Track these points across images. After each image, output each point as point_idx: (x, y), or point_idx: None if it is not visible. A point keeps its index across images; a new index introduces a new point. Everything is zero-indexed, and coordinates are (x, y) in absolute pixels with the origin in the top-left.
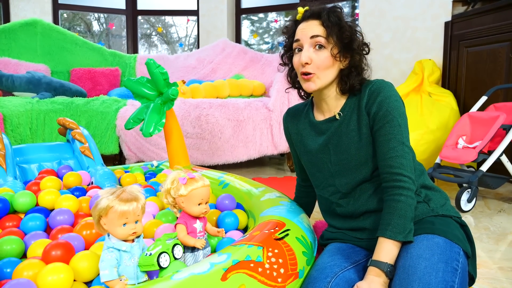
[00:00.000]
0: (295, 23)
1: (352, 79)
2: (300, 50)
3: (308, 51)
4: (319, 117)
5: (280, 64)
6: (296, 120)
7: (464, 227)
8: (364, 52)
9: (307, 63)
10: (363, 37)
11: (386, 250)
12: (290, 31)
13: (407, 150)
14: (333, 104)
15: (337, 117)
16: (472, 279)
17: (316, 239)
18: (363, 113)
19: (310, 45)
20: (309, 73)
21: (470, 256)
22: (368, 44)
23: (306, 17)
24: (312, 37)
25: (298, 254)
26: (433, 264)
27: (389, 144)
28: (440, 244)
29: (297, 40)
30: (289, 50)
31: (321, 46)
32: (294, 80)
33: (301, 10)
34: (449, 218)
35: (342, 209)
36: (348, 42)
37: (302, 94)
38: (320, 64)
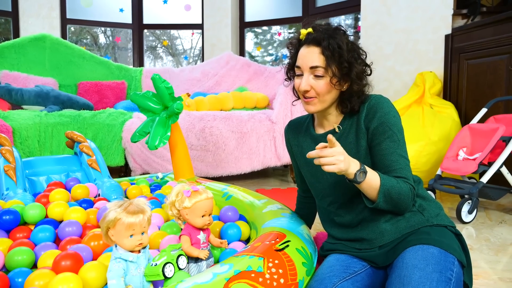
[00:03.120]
0: (299, 42)
1: (353, 102)
2: (301, 74)
3: (308, 78)
4: (319, 130)
5: (285, 79)
6: (297, 132)
7: (458, 236)
8: (366, 74)
9: (306, 90)
10: (366, 56)
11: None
12: (293, 50)
13: (408, 162)
14: (333, 120)
15: (337, 130)
16: None
17: (316, 250)
18: (361, 127)
19: (309, 73)
20: (310, 97)
21: (465, 266)
22: (370, 64)
23: (308, 40)
24: (312, 67)
25: (298, 264)
26: (427, 274)
27: (391, 157)
28: (435, 254)
29: (298, 66)
30: (292, 68)
31: (320, 75)
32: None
33: (303, 32)
34: (444, 228)
35: (340, 218)
36: (346, 72)
37: None
38: (320, 90)
